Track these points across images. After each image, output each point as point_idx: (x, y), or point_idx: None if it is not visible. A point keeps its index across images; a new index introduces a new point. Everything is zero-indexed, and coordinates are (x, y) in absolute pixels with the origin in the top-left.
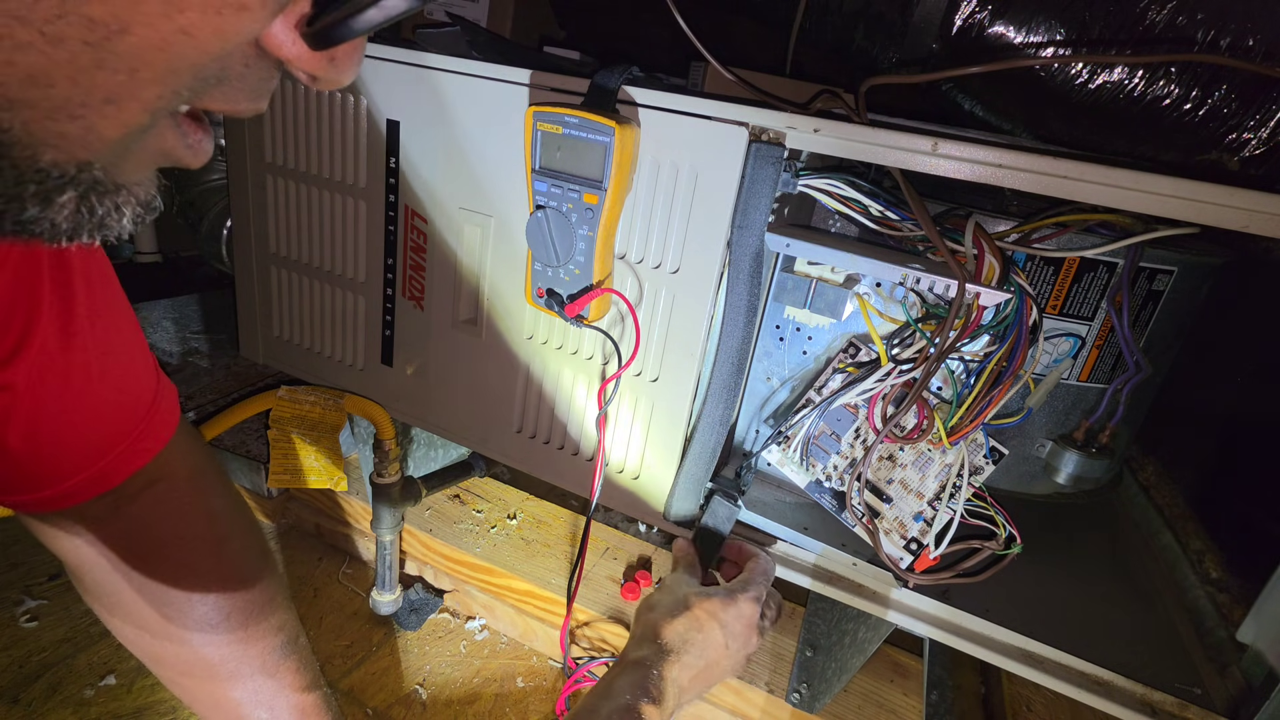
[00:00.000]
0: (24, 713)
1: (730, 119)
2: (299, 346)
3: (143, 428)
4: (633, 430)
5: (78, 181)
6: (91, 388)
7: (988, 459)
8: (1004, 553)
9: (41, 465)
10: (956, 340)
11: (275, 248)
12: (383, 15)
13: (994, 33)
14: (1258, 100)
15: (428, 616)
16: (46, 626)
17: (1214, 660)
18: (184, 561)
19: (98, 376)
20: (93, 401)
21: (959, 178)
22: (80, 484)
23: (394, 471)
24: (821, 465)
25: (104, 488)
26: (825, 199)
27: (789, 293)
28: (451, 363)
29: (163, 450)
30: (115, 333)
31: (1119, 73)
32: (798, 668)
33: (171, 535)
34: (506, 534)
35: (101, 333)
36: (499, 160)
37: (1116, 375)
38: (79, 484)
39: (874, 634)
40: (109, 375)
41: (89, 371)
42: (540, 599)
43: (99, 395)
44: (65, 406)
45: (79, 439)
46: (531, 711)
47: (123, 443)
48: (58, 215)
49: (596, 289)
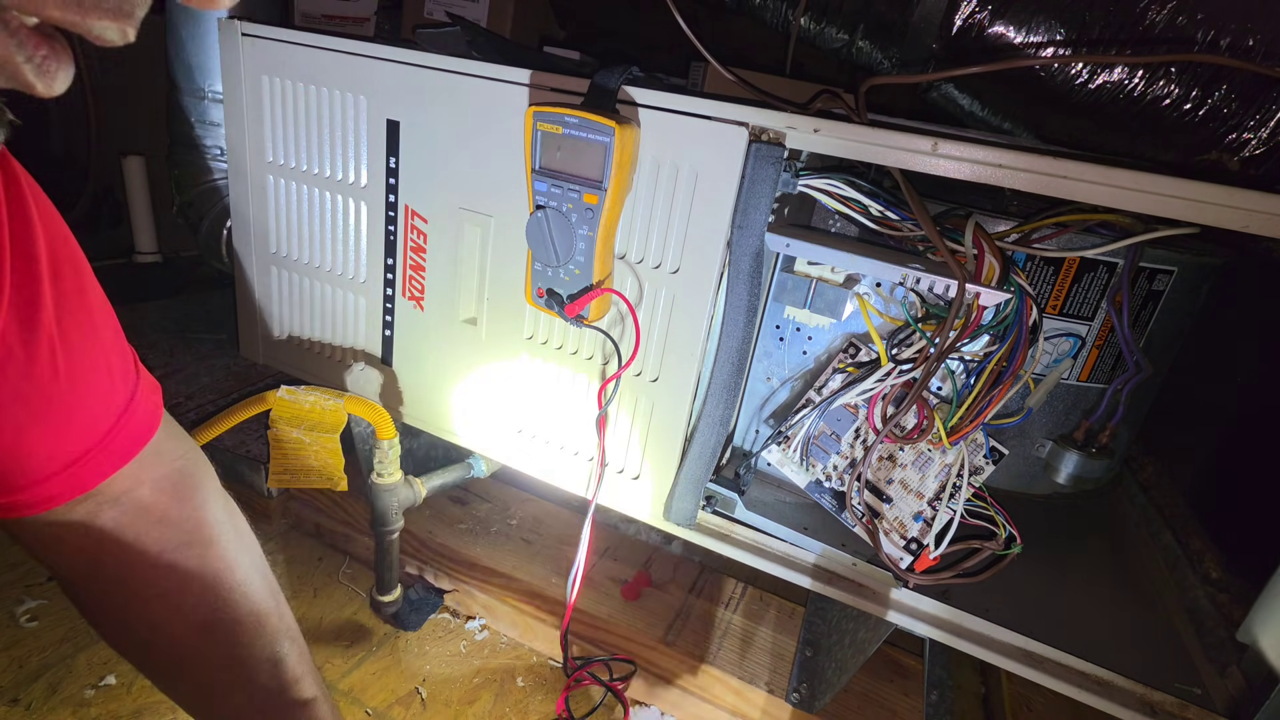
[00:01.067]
0: (24, 713)
1: (730, 119)
2: (299, 346)
3: (120, 426)
4: (633, 430)
5: None
6: (59, 384)
7: (988, 459)
8: (1004, 553)
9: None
10: (956, 340)
11: (275, 248)
12: None
13: (994, 33)
14: (1258, 100)
15: (428, 616)
16: (46, 626)
17: (1214, 660)
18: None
19: (65, 373)
20: (61, 399)
21: (959, 178)
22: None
23: (394, 471)
24: (821, 465)
25: (81, 490)
26: (825, 199)
27: (789, 293)
28: (451, 363)
29: (146, 451)
30: (87, 327)
31: (1119, 73)
32: (798, 668)
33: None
34: (506, 534)
35: (71, 327)
36: (499, 160)
37: (1116, 375)
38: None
39: (874, 634)
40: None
41: (55, 368)
42: (540, 599)
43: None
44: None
45: (47, 438)
46: (531, 711)
47: (98, 442)
48: None
49: (596, 289)
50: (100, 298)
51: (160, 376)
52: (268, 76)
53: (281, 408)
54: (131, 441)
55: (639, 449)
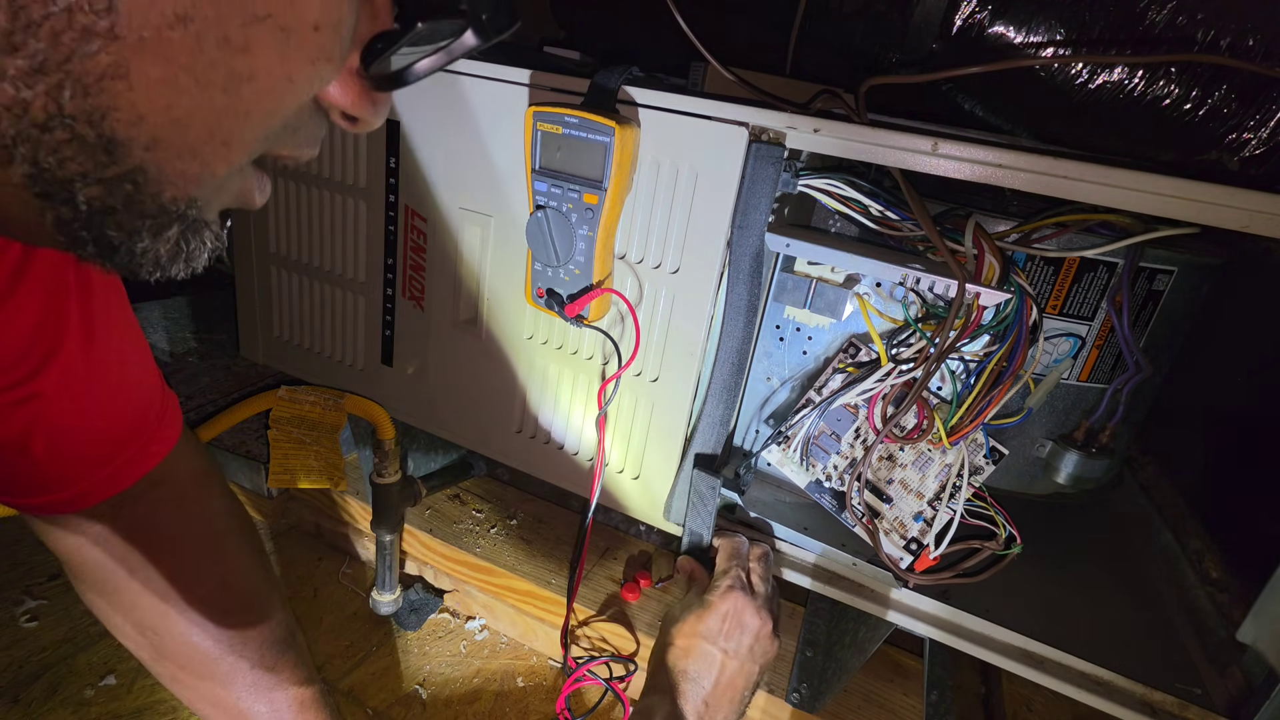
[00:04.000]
0: (24, 713)
1: (730, 119)
2: (299, 346)
3: (151, 432)
4: (633, 430)
5: (184, 218)
6: (109, 394)
7: (988, 459)
8: (1004, 553)
9: (60, 469)
10: (956, 340)
11: (275, 248)
12: (447, 58)
13: (994, 33)
14: (1258, 100)
15: (428, 616)
16: (46, 626)
17: (1214, 660)
18: (184, 559)
19: (115, 384)
20: (109, 408)
21: (959, 178)
22: (92, 486)
23: (394, 471)
24: (821, 465)
25: (113, 490)
26: (825, 199)
27: (789, 293)
28: (451, 363)
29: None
30: (128, 343)
31: (1119, 73)
32: (798, 668)
33: (172, 534)
34: (506, 534)
35: (117, 343)
36: (499, 160)
37: (1116, 375)
38: (91, 486)
39: (874, 634)
40: (124, 383)
41: (108, 379)
42: (540, 599)
43: (115, 402)
44: (85, 413)
45: (95, 444)
46: (531, 711)
47: (134, 447)
48: (163, 248)
49: (596, 289)
50: (134, 319)
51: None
52: None
53: (281, 408)
54: (161, 445)
55: (639, 449)
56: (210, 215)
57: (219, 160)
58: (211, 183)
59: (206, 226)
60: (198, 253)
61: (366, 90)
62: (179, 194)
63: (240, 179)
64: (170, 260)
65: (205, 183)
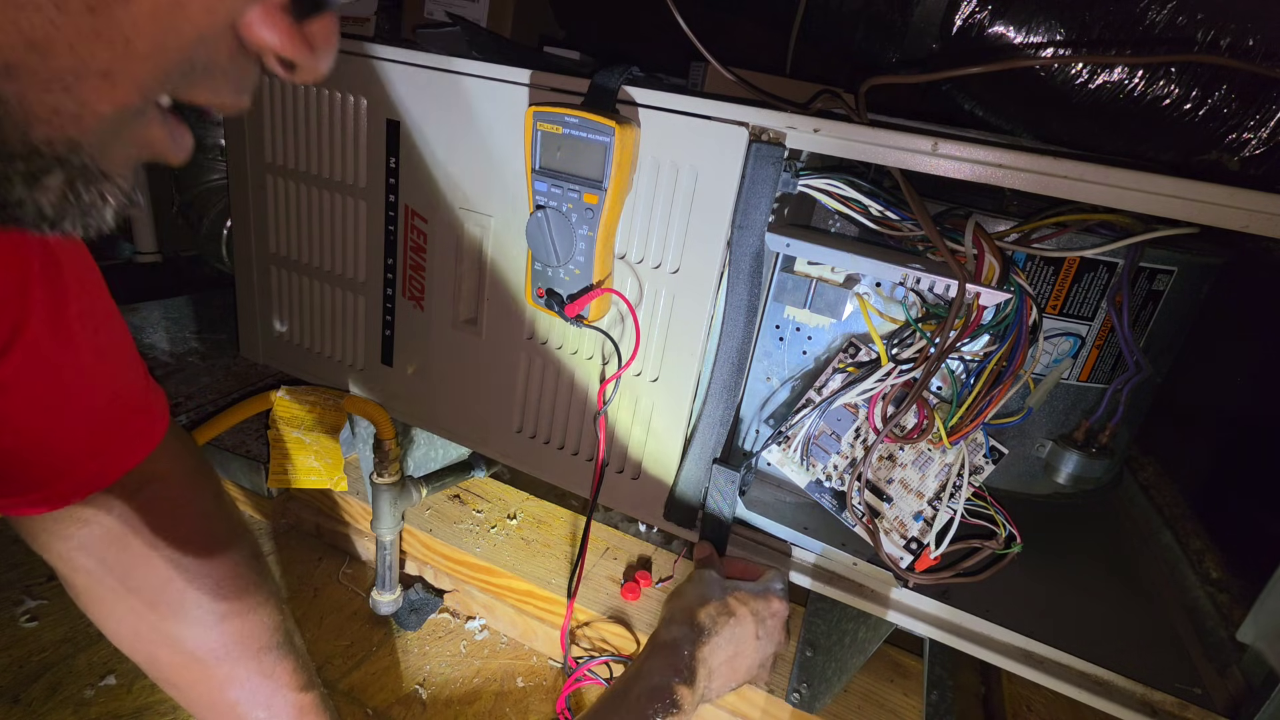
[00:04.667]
0: (24, 713)
1: (730, 119)
2: (299, 346)
3: (134, 429)
4: (633, 430)
5: (66, 164)
6: (83, 387)
7: (988, 459)
8: (1004, 552)
9: (31, 465)
10: (956, 340)
11: (275, 248)
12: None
13: (994, 33)
14: (1258, 100)
15: (428, 616)
16: (46, 626)
17: (1214, 660)
18: (176, 562)
19: (89, 376)
20: (84, 401)
21: (959, 178)
22: (71, 486)
23: (394, 471)
24: (821, 465)
25: (94, 489)
26: (825, 199)
27: (789, 293)
28: (451, 363)
29: (154, 453)
30: (106, 335)
31: (1119, 73)
32: (798, 668)
33: (163, 536)
34: (506, 534)
35: (93, 334)
36: (499, 160)
37: (1116, 375)
38: (70, 485)
39: (874, 634)
40: (100, 376)
41: (80, 371)
42: (540, 599)
43: (90, 395)
44: (56, 406)
45: (70, 439)
46: (531, 711)
47: (114, 444)
48: (44, 199)
49: (596, 289)
50: (115, 311)
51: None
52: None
53: (281, 408)
54: (145, 443)
55: (639, 449)
56: (110, 166)
57: (100, 97)
58: (97, 124)
59: (105, 178)
60: (98, 206)
61: (297, 29)
62: (53, 133)
63: (141, 124)
64: (58, 214)
65: (88, 123)
